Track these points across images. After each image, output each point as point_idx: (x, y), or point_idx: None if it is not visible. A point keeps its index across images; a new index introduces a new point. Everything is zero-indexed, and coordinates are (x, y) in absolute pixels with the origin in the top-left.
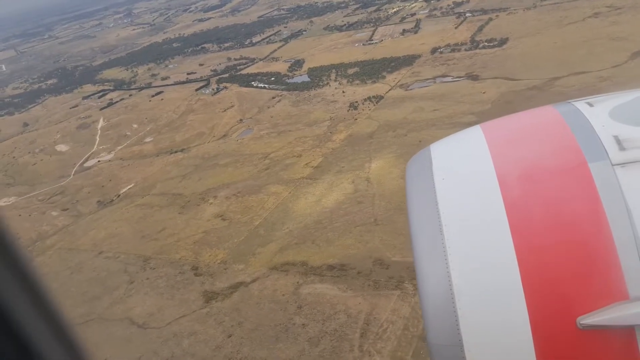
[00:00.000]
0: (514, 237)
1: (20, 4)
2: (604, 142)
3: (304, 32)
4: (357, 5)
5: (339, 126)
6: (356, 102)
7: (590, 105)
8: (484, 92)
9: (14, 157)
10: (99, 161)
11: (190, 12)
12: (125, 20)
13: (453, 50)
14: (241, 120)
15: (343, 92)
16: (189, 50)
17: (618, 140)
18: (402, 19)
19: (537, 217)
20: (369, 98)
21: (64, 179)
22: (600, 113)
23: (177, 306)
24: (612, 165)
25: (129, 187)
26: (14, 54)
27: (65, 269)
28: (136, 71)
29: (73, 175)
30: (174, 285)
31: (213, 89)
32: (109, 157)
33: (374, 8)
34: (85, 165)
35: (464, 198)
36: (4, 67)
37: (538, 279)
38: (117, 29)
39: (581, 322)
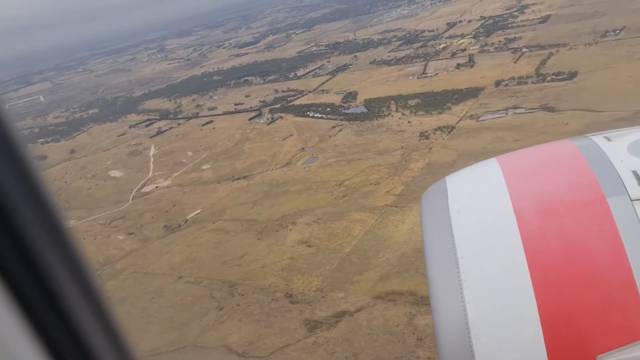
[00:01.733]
0: (531, 272)
1: (47, 41)
2: (622, 177)
3: (349, 66)
4: (401, 42)
5: (413, 155)
6: (426, 131)
7: (608, 139)
8: (566, 123)
9: (65, 182)
10: (156, 187)
11: (225, 48)
12: (159, 55)
13: (519, 83)
14: (303, 148)
15: (409, 122)
16: (232, 83)
17: (637, 175)
18: (453, 54)
19: (554, 252)
20: (439, 128)
21: (122, 203)
22: (618, 148)
23: (277, 334)
24: (632, 200)
25: (195, 212)
26: (50, 85)
27: (144, 293)
28: (180, 102)
29: (131, 200)
30: (269, 313)
31: (268, 119)
32: (166, 183)
33: (419, 44)
34: (143, 190)
35: (480, 231)
36: (42, 97)
37: (556, 315)
38: (152, 63)
39: None
